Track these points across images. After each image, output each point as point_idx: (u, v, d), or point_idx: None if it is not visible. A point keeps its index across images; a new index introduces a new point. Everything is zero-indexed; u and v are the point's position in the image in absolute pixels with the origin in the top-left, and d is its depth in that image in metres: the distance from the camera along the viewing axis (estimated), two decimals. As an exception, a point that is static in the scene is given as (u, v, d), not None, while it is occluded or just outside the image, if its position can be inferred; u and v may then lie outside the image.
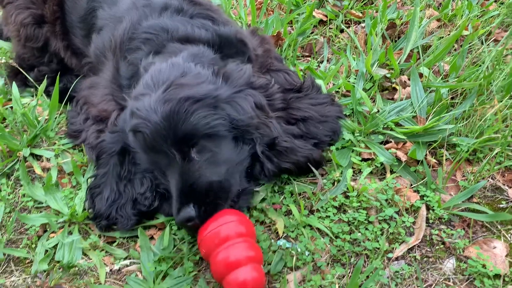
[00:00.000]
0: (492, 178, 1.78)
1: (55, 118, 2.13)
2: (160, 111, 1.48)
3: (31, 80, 2.35)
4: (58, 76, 2.15)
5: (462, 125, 1.90)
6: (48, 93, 2.27)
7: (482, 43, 2.37)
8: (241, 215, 1.48)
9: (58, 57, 2.39)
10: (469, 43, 2.33)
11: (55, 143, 2.04)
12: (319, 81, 2.11)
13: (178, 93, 1.51)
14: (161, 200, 1.67)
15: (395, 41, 2.51)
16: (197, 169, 1.50)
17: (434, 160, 1.82)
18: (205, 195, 1.47)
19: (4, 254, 1.61)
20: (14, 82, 2.21)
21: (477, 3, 2.71)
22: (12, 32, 2.40)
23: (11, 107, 2.20)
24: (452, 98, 2.05)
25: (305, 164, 1.70)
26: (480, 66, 2.14)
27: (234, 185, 1.56)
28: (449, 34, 2.47)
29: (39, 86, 2.23)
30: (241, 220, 1.46)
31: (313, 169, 1.69)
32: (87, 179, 1.78)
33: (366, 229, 1.59)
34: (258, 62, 2.03)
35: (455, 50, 2.45)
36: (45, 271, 1.55)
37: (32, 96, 2.37)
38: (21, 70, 2.32)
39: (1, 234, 1.69)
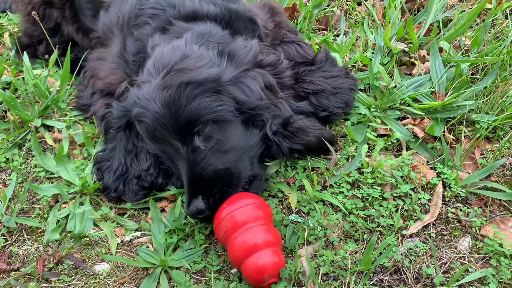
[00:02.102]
0: (511, 157, 1.73)
1: (67, 89, 2.11)
2: (159, 99, 1.43)
3: (40, 53, 2.34)
4: (69, 46, 2.12)
5: (483, 102, 1.84)
6: (59, 63, 2.25)
7: (506, 17, 2.28)
8: (258, 198, 1.44)
9: (71, 39, 2.35)
10: (492, 17, 2.24)
11: (67, 114, 2.03)
12: (334, 54, 2.06)
13: (177, 78, 1.45)
14: (164, 177, 1.65)
15: (415, 14, 2.42)
16: (203, 158, 1.44)
17: (452, 137, 1.77)
18: (212, 185, 1.43)
19: (16, 223, 1.62)
20: (25, 53, 2.19)
21: (501, -24, 2.60)
22: (21, 11, 2.36)
23: (23, 78, 2.19)
24: (472, 74, 1.98)
25: (316, 144, 1.64)
26: (503, 41, 2.06)
27: (243, 171, 1.49)
28: (471, 8, 2.37)
29: (48, 58, 2.21)
30: (258, 203, 1.41)
31: (328, 144, 1.65)
32: (94, 154, 1.76)
33: (381, 205, 1.56)
34: (269, 37, 1.97)
35: (477, 24, 2.36)
36: (56, 240, 1.56)
37: (43, 67, 2.35)
38: (30, 43, 2.30)
39: (14, 203, 1.70)
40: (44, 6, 2.27)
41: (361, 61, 2.11)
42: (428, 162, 1.71)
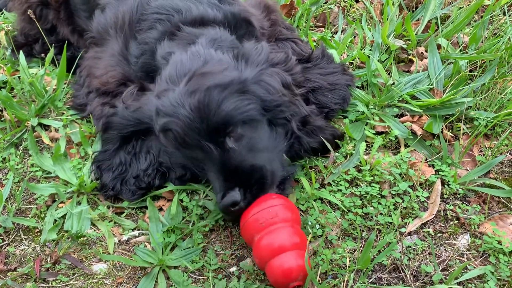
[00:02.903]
0: (510, 153, 1.73)
1: (63, 88, 2.10)
2: (188, 104, 1.40)
3: (36, 52, 2.32)
4: (65, 45, 2.10)
5: (481, 99, 1.84)
6: (55, 61, 2.24)
7: (504, 14, 2.27)
8: (286, 200, 1.42)
9: (67, 41, 2.32)
10: (491, 14, 2.23)
11: (63, 113, 2.01)
12: (331, 51, 2.05)
13: (203, 82, 1.43)
14: (161, 178, 1.64)
15: (413, 11, 2.41)
16: (238, 155, 1.42)
17: (451, 134, 1.77)
18: (249, 178, 1.41)
19: (13, 223, 1.61)
20: (21, 52, 2.18)
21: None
22: (17, 9, 2.34)
23: (19, 77, 2.18)
24: (470, 71, 1.97)
25: (331, 141, 1.66)
26: (501, 37, 2.05)
27: (277, 170, 1.49)
28: (469, 4, 2.36)
29: (45, 57, 2.19)
30: (287, 205, 1.38)
31: (328, 144, 1.64)
32: (93, 154, 1.75)
33: (379, 203, 1.56)
34: (265, 36, 1.97)
35: (475, 21, 2.35)
36: (54, 240, 1.55)
37: (39, 66, 2.33)
38: (26, 42, 2.28)
39: (11, 203, 1.69)
40: (41, 6, 2.24)
41: (359, 58, 2.10)
42: (426, 159, 1.71)
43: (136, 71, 1.80)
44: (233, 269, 1.42)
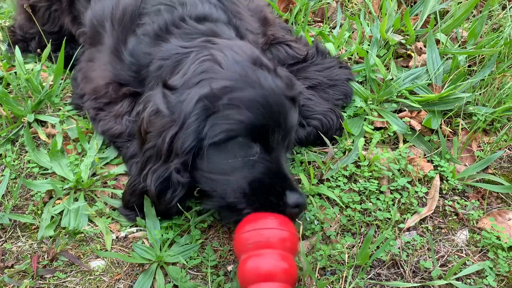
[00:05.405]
0: (509, 149, 1.73)
1: (60, 84, 2.08)
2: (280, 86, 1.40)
3: (32, 48, 2.30)
4: (64, 41, 2.07)
5: (480, 94, 1.83)
6: (52, 58, 2.21)
7: (503, 9, 2.27)
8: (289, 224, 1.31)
9: (69, 34, 2.23)
10: (489, 9, 2.22)
11: (60, 109, 2.00)
12: (327, 44, 2.05)
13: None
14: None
15: (411, 6, 2.40)
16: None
17: (449, 130, 1.76)
18: None
19: (10, 220, 1.60)
20: (17, 47, 2.16)
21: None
22: (20, 7, 2.29)
23: (15, 73, 2.16)
24: (469, 66, 1.97)
25: (333, 114, 1.69)
26: (500, 32, 2.04)
27: None
28: (468, -1, 2.36)
29: (41, 53, 2.17)
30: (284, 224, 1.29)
31: (324, 137, 1.64)
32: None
33: (377, 199, 1.55)
34: (259, 45, 1.87)
35: (473, 16, 2.34)
36: (51, 237, 1.54)
37: (35, 62, 2.31)
38: (23, 38, 2.26)
39: (7, 200, 1.68)
40: (49, 10, 2.18)
41: (357, 53, 2.09)
42: (425, 155, 1.70)
43: (129, 67, 1.70)
44: (231, 267, 1.41)
